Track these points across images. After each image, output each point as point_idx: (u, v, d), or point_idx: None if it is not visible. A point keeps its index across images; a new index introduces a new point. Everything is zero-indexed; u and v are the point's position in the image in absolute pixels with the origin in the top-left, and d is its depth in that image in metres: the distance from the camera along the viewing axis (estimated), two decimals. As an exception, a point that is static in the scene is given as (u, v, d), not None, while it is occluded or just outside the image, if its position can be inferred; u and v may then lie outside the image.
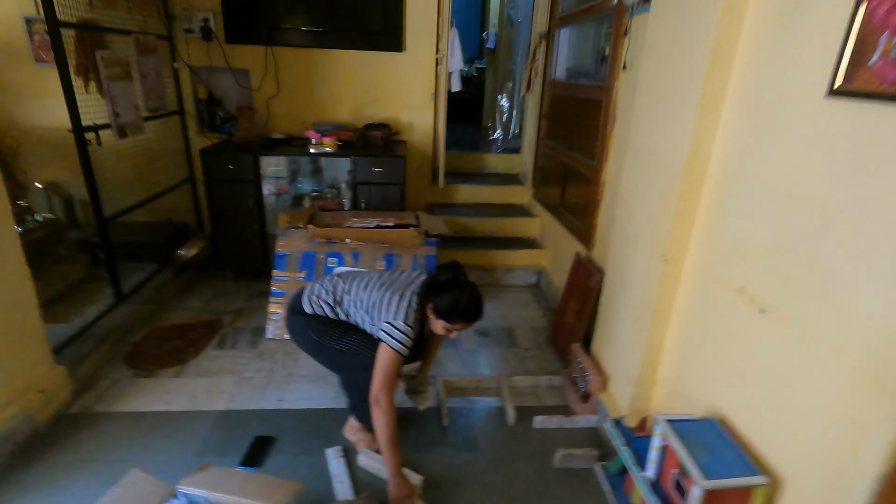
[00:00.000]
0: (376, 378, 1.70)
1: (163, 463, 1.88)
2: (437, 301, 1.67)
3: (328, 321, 1.82)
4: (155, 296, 3.05)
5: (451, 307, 1.65)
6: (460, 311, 1.66)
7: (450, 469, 1.92)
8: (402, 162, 3.18)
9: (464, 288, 1.67)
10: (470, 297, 1.67)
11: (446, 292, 1.66)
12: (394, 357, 1.68)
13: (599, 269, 2.45)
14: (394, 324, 1.66)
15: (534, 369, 2.58)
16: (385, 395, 1.69)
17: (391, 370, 1.69)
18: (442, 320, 1.69)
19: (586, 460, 1.94)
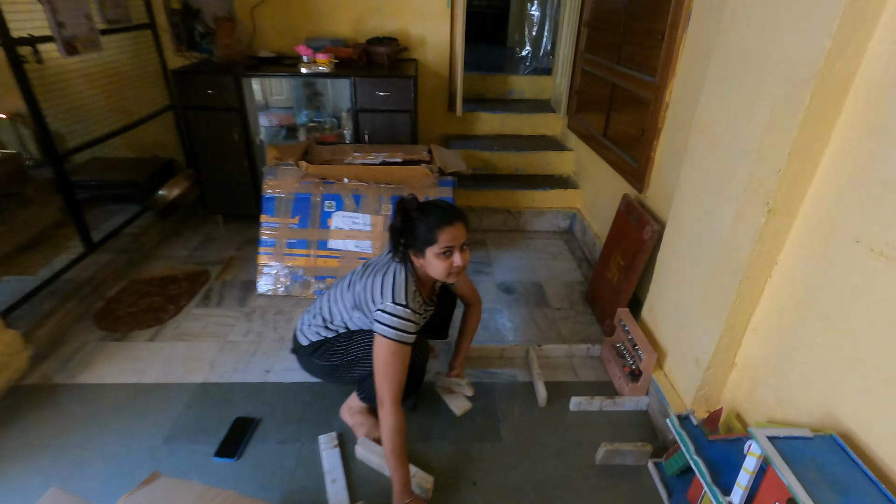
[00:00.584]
0: (377, 376, 1.38)
1: (123, 453, 1.57)
2: (410, 240, 1.41)
3: (329, 341, 1.57)
4: (134, 243, 2.69)
5: (424, 227, 1.37)
6: (434, 220, 1.37)
7: (466, 462, 1.57)
8: (412, 84, 2.64)
9: (423, 205, 1.43)
10: (433, 203, 1.43)
11: (411, 224, 1.39)
12: (391, 348, 1.36)
13: (656, 218, 1.96)
14: (384, 308, 1.37)
15: (568, 334, 2.18)
16: (389, 395, 1.36)
17: (393, 365, 1.36)
18: (429, 249, 1.37)
19: (637, 457, 1.56)
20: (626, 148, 2.30)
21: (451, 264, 1.38)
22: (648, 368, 1.72)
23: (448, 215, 1.38)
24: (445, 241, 1.35)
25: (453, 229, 1.36)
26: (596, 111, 2.67)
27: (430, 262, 1.39)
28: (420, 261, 1.41)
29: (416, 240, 1.38)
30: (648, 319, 1.86)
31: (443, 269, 1.38)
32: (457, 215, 1.40)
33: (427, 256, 1.38)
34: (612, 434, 1.68)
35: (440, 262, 1.38)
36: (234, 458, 1.56)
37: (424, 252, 1.38)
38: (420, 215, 1.38)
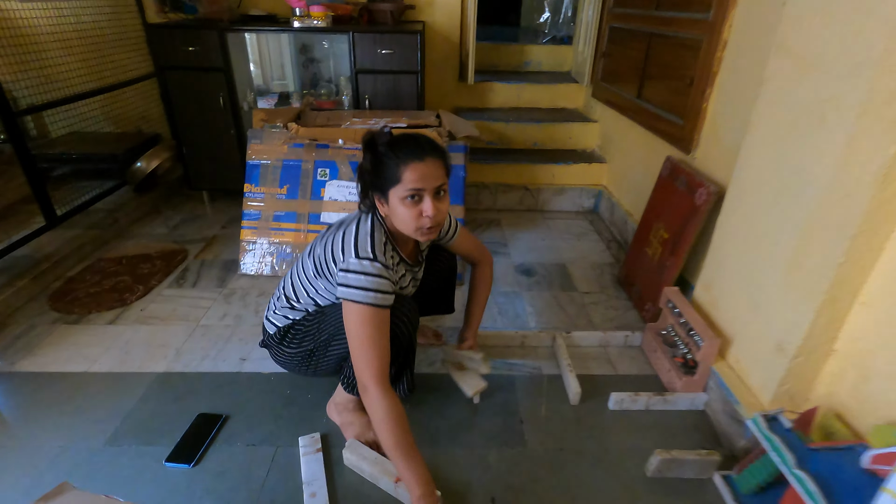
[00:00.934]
0: (353, 355, 1.11)
1: (54, 456, 1.26)
2: (375, 182, 1.13)
3: (297, 323, 1.30)
4: (106, 220, 2.40)
5: (391, 164, 1.08)
6: (401, 155, 1.08)
7: (481, 473, 1.24)
8: (418, 40, 2.33)
9: (395, 139, 1.12)
10: (407, 136, 1.13)
11: (380, 163, 1.11)
12: (363, 315, 1.08)
13: (710, 180, 1.62)
14: (347, 266, 1.10)
15: (600, 321, 1.84)
16: (372, 375, 1.07)
17: (369, 337, 1.08)
18: (392, 191, 1.09)
19: (700, 468, 1.23)
20: (667, 106, 1.96)
21: (419, 213, 1.09)
22: (708, 358, 1.38)
23: (419, 148, 1.08)
24: (412, 180, 1.06)
25: (423, 166, 1.07)
26: (628, 71, 2.34)
27: (395, 210, 1.11)
28: (385, 209, 1.14)
29: (381, 181, 1.10)
30: (704, 300, 1.52)
31: (409, 218, 1.09)
32: (431, 149, 1.10)
33: (391, 202, 1.10)
34: (661, 439, 1.34)
35: (405, 210, 1.09)
36: (190, 464, 1.24)
37: (388, 195, 1.10)
38: (388, 151, 1.09)
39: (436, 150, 1.10)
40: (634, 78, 2.26)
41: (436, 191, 1.09)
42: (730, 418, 1.31)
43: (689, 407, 1.44)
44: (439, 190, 1.10)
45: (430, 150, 1.09)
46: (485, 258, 1.50)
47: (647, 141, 2.18)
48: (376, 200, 1.15)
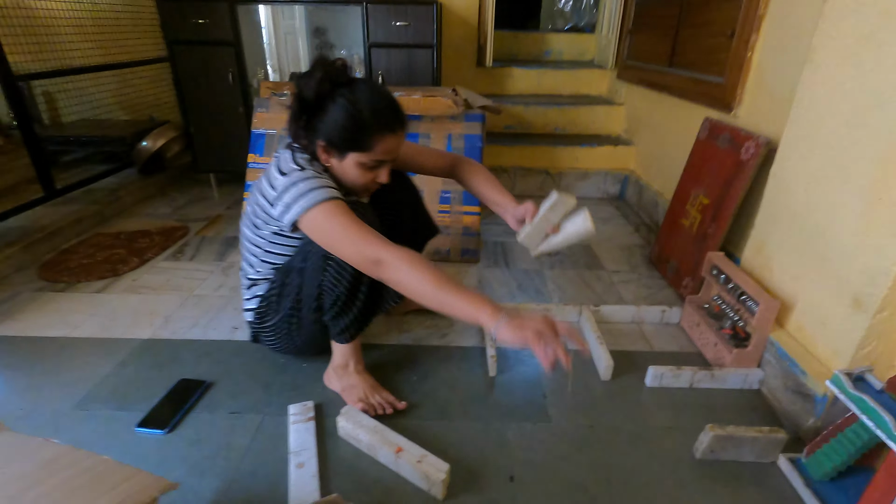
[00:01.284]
0: (344, 253, 0.96)
1: (15, 419, 1.12)
2: (323, 127, 0.99)
3: (269, 293, 1.16)
4: (108, 197, 2.31)
5: (355, 123, 0.97)
6: (375, 120, 0.97)
7: (498, 449, 1.06)
8: (435, 10, 2.23)
9: (353, 83, 0.99)
10: (372, 90, 1.00)
11: (330, 105, 0.98)
12: (321, 212, 0.95)
13: (758, 135, 1.45)
14: (280, 188, 0.98)
15: (631, 299, 1.65)
16: (377, 248, 0.92)
17: (343, 225, 0.94)
18: (354, 154, 1.00)
19: (762, 449, 1.02)
20: (703, 67, 1.80)
21: (373, 178, 1.05)
22: (765, 323, 1.19)
23: (395, 117, 1.01)
24: (381, 152, 1.01)
25: (395, 139, 1.02)
26: (657, 43, 2.20)
27: (347, 169, 1.03)
28: (332, 161, 1.04)
29: (337, 134, 0.99)
30: (755, 264, 1.33)
31: (361, 181, 1.05)
32: (402, 118, 1.02)
33: (346, 161, 1.02)
34: (710, 420, 1.14)
35: (362, 174, 1.04)
36: (164, 431, 1.08)
37: (345, 155, 1.01)
38: (351, 98, 0.97)
39: (405, 119, 1.03)
40: (665, 47, 2.11)
41: (393, 159, 1.05)
42: (793, 394, 1.11)
43: (740, 385, 1.24)
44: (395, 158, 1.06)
45: (402, 120, 1.02)
46: (461, 158, 1.30)
47: (679, 111, 2.02)
48: (321, 148, 1.01)
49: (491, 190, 1.25)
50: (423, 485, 0.95)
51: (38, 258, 1.85)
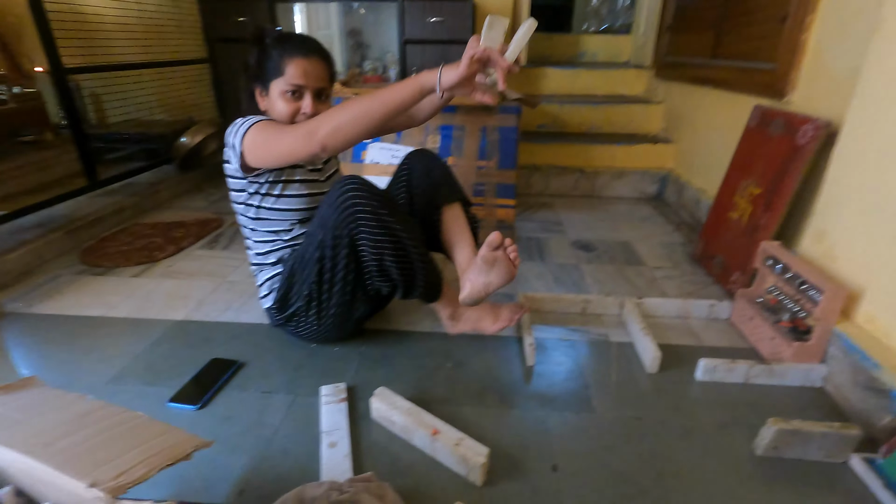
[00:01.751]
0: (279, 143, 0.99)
1: (50, 386, 1.12)
2: (258, 74, 1.10)
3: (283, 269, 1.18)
4: (147, 190, 2.36)
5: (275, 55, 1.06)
6: (287, 48, 1.06)
7: (540, 438, 1.00)
8: (469, 7, 2.22)
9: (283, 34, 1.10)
10: (291, 33, 1.13)
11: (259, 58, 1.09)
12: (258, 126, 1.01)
13: (816, 118, 1.37)
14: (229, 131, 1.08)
15: (675, 295, 1.57)
16: (300, 125, 0.97)
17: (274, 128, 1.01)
18: (274, 83, 1.06)
19: (833, 446, 0.93)
20: (752, 55, 1.73)
21: (297, 109, 1.07)
22: (831, 314, 1.10)
23: (305, 45, 1.08)
24: (294, 75, 1.05)
25: (307, 63, 1.06)
26: (699, 35, 2.13)
27: (274, 103, 1.08)
28: (265, 103, 1.12)
29: (264, 73, 1.08)
30: (816, 253, 1.24)
31: (287, 113, 1.07)
32: (316, 49, 1.09)
33: (271, 93, 1.08)
34: (768, 418, 1.05)
35: (284, 104, 1.07)
36: (196, 406, 1.06)
37: (269, 87, 1.08)
38: (275, 43, 1.07)
39: (321, 51, 1.09)
40: (708, 40, 2.04)
41: (317, 92, 1.08)
42: (865, 390, 1.01)
43: (801, 382, 1.15)
44: (321, 93, 1.09)
45: (316, 50, 1.08)
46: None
47: (724, 103, 1.94)
48: (257, 93, 1.12)
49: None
50: (461, 469, 0.90)
51: (80, 244, 1.89)
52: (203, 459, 0.93)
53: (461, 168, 1.91)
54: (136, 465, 0.54)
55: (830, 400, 1.11)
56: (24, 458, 0.53)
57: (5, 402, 0.65)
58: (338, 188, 1.03)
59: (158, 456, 0.56)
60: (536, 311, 1.45)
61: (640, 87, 2.91)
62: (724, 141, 1.92)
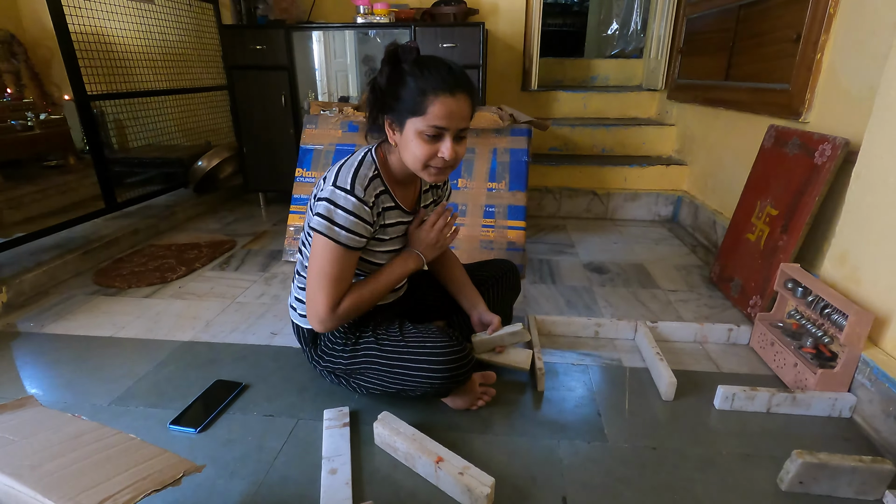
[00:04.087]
0: (309, 283, 0.99)
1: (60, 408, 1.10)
2: (387, 100, 0.94)
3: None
4: (163, 212, 2.40)
5: (414, 88, 0.90)
6: (430, 81, 0.89)
7: (549, 468, 0.95)
8: (481, 33, 2.25)
9: (424, 59, 0.93)
10: (438, 60, 0.93)
11: (401, 82, 0.92)
12: (326, 248, 0.95)
13: (833, 137, 1.33)
14: (322, 195, 0.97)
15: (691, 319, 1.52)
16: (327, 308, 0.97)
17: (327, 274, 0.96)
18: (411, 121, 0.92)
19: (863, 481, 0.87)
20: (765, 76, 1.71)
21: (434, 152, 0.93)
22: (856, 340, 1.04)
23: (452, 78, 0.90)
24: (437, 115, 0.90)
25: (454, 102, 0.90)
26: (712, 58, 2.13)
27: (408, 143, 0.94)
28: (396, 137, 0.97)
29: (399, 104, 0.92)
30: (837, 276, 1.19)
31: (422, 155, 0.93)
32: (465, 83, 0.92)
33: (406, 131, 0.94)
34: (793, 449, 0.99)
35: (421, 146, 0.93)
36: (195, 430, 1.04)
37: (404, 124, 0.93)
38: (415, 71, 0.91)
39: (469, 86, 0.93)
40: (720, 62, 2.03)
41: (458, 133, 0.94)
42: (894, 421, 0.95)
43: (827, 412, 1.08)
44: (462, 133, 0.95)
45: (464, 84, 0.92)
46: (448, 250, 1.26)
47: (738, 124, 1.92)
48: (387, 125, 0.97)
49: (467, 286, 1.22)
50: (465, 499, 0.86)
51: (95, 265, 1.92)
52: (202, 484, 0.91)
53: (471, 190, 1.90)
54: (122, 489, 0.52)
55: (860, 431, 1.04)
56: (9, 480, 0.52)
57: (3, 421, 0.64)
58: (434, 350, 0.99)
59: (146, 481, 0.54)
60: (547, 335, 1.42)
61: (653, 109, 2.90)
62: (738, 162, 1.89)
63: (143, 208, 2.43)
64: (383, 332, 1.04)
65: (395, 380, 1.01)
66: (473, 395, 1.10)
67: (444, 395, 1.08)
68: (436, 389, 1.00)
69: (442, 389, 1.01)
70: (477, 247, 1.84)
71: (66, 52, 1.98)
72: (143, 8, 2.45)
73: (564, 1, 5.23)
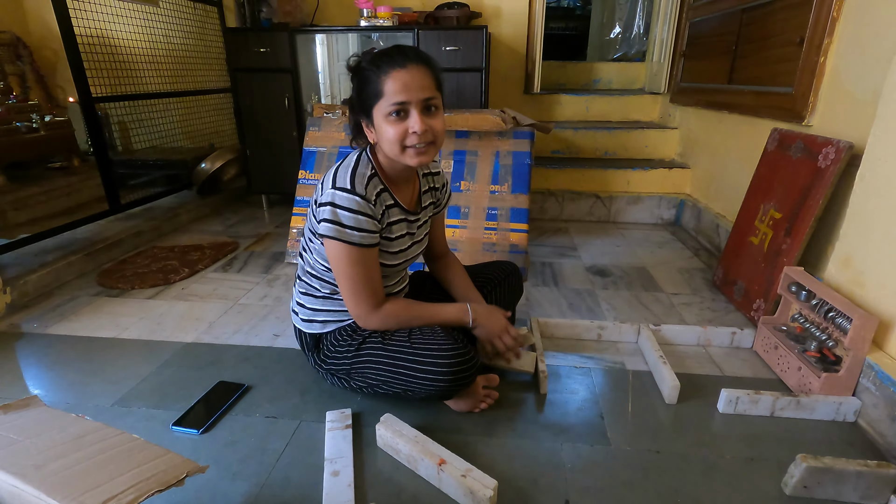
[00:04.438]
0: (341, 290, 1.01)
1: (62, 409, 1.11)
2: (360, 106, 0.97)
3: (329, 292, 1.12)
4: (167, 214, 2.41)
5: (370, 80, 0.93)
6: (383, 66, 0.91)
7: (551, 471, 0.95)
8: (484, 36, 2.26)
9: (378, 53, 0.95)
10: (386, 49, 0.95)
11: (359, 87, 0.96)
12: (343, 252, 0.96)
13: (837, 140, 1.33)
14: (324, 199, 0.96)
15: (694, 322, 1.52)
16: (368, 308, 1.01)
17: (352, 276, 0.98)
18: (376, 109, 0.93)
19: (868, 486, 0.87)
20: (769, 79, 1.71)
21: (405, 130, 0.92)
22: (860, 344, 1.04)
23: (401, 55, 0.92)
24: (394, 91, 0.90)
25: (406, 74, 0.90)
26: (715, 61, 2.13)
27: (382, 132, 0.95)
28: (373, 135, 0.98)
29: (366, 101, 0.95)
30: (842, 279, 1.19)
31: (395, 136, 0.93)
32: (415, 56, 0.93)
33: (376, 121, 0.95)
34: (797, 453, 0.98)
35: (390, 128, 0.92)
36: (198, 431, 1.04)
37: (372, 115, 0.95)
38: (370, 65, 0.94)
39: (420, 58, 0.93)
40: (723, 65, 2.03)
41: (424, 105, 0.92)
42: (901, 425, 0.95)
43: (832, 416, 1.08)
44: (429, 105, 0.93)
45: (414, 58, 0.92)
46: (452, 254, 1.27)
47: (741, 127, 1.92)
48: (364, 128, 0.99)
49: (469, 288, 1.20)
50: (468, 503, 0.86)
51: (99, 266, 1.93)
52: (204, 486, 0.91)
53: (474, 192, 1.90)
54: (126, 489, 0.52)
55: (864, 436, 1.04)
56: (13, 479, 0.52)
57: (2, 422, 0.64)
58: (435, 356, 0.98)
59: (150, 481, 0.54)
60: (549, 338, 1.42)
61: (655, 112, 2.90)
62: (742, 165, 1.89)
63: (147, 210, 2.44)
64: (390, 333, 1.04)
65: (398, 380, 1.01)
66: (476, 397, 1.10)
67: (448, 398, 1.08)
68: (440, 392, 1.00)
69: (446, 392, 1.00)
70: (479, 249, 1.84)
71: (72, 54, 1.99)
72: (148, 11, 2.47)
73: (567, 4, 5.24)
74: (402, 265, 1.11)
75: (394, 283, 1.14)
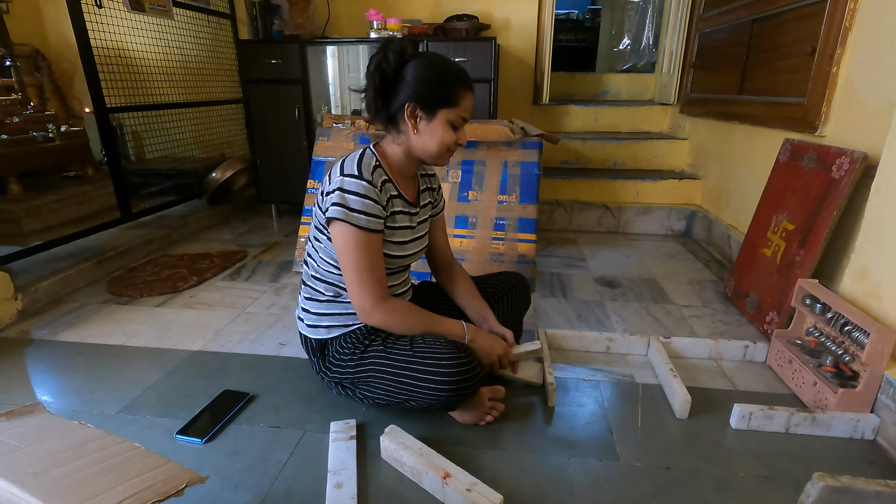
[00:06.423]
0: (346, 278, 1.02)
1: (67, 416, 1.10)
2: (408, 89, 0.99)
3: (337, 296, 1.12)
4: (177, 223, 2.43)
5: (438, 82, 0.99)
6: (455, 77, 1.00)
7: (558, 485, 0.93)
8: (493, 47, 2.27)
9: (426, 54, 1.02)
10: (440, 57, 1.03)
11: (410, 70, 0.99)
12: (349, 234, 0.98)
13: (851, 150, 1.31)
14: (334, 186, 0.99)
15: (706, 335, 1.49)
16: (373, 301, 1.01)
17: (358, 262, 0.99)
18: (444, 111, 0.99)
19: (888, 508, 0.83)
20: (780, 89, 1.70)
21: (455, 139, 1.03)
22: (878, 359, 1.01)
23: (468, 76, 1.03)
24: (467, 107, 1.02)
25: (472, 96, 1.04)
26: (725, 72, 2.12)
27: (436, 130, 1.01)
28: (421, 125, 1.01)
29: (427, 90, 0.99)
30: (858, 292, 1.16)
31: (449, 141, 1.02)
32: (470, 80, 1.04)
33: (437, 120, 1.01)
34: (813, 472, 0.95)
35: (446, 133, 1.01)
36: (202, 440, 1.04)
37: (436, 113, 1.00)
38: (428, 60, 1.00)
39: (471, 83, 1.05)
40: (734, 76, 2.02)
41: None
42: (923, 444, 0.92)
43: (849, 433, 1.05)
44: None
45: (470, 82, 1.04)
46: (457, 263, 1.27)
47: (752, 138, 1.90)
48: (406, 116, 0.99)
49: (476, 298, 1.21)
50: (473, 517, 0.84)
51: (109, 274, 1.95)
52: (206, 496, 0.90)
53: (482, 203, 1.90)
54: (124, 499, 0.51)
55: (884, 454, 1.01)
56: (11, 487, 0.51)
57: (5, 429, 0.64)
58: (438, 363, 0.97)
59: (149, 491, 0.54)
60: (558, 349, 1.40)
61: (664, 123, 2.89)
62: (753, 176, 1.87)
63: (158, 218, 2.47)
64: (392, 341, 1.03)
65: (401, 389, 1.00)
66: (482, 409, 1.09)
67: (452, 409, 1.06)
68: (442, 401, 0.98)
69: (449, 401, 0.99)
70: (487, 259, 1.83)
71: (88, 66, 2.03)
72: (163, 24, 2.51)
73: (576, 17, 5.26)
74: (404, 261, 1.12)
75: (397, 283, 1.15)
